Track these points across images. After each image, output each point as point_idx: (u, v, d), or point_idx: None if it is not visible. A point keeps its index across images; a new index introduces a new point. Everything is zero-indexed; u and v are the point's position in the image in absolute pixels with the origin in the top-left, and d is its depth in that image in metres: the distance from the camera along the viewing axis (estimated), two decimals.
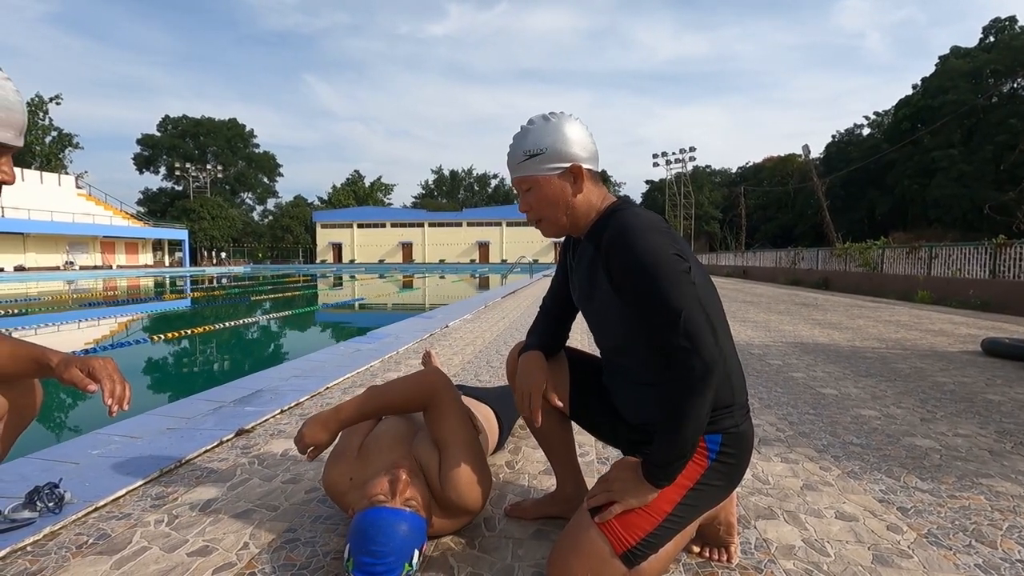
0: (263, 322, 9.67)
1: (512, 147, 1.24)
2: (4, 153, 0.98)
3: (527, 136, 1.22)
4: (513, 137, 1.25)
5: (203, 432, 2.32)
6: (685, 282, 1.07)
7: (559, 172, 1.21)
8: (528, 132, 1.22)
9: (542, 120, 1.22)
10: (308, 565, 1.33)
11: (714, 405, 1.17)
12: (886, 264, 12.73)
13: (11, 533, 1.44)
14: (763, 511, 1.63)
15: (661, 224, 1.15)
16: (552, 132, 1.20)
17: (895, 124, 42.86)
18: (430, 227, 58.94)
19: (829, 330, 5.88)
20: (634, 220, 1.14)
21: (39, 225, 32.58)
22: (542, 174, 1.21)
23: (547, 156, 1.20)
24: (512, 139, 1.25)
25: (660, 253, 1.08)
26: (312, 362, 3.98)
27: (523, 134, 1.22)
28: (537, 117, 1.24)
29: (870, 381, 3.40)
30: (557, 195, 1.22)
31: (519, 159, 1.22)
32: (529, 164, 1.21)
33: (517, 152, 1.23)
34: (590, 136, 1.25)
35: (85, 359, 1.13)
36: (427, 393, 1.48)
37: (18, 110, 0.97)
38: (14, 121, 0.97)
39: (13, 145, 0.98)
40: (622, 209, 1.20)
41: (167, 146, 62.78)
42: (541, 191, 1.23)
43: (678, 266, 1.08)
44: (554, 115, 1.23)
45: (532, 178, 1.22)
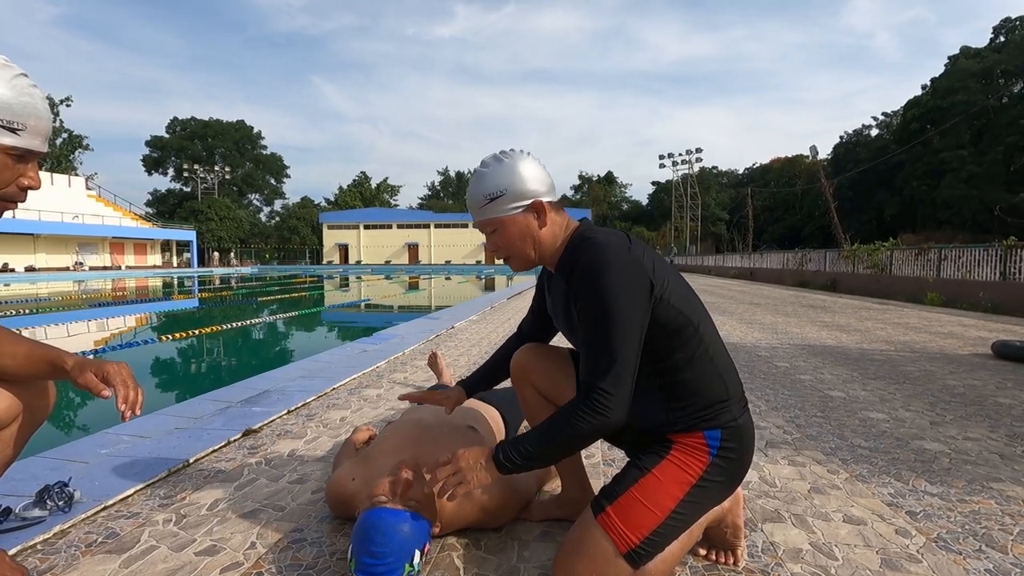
0: (270, 322, 9.72)
1: (471, 192, 1.26)
2: (32, 159, 1.00)
3: (483, 180, 1.23)
4: (470, 182, 1.27)
5: (210, 432, 2.33)
6: (632, 331, 1.11)
7: (522, 209, 1.23)
8: (484, 176, 1.23)
9: (495, 161, 1.24)
10: (315, 565, 1.33)
11: (708, 401, 1.19)
12: (895, 266, 12.63)
13: (22, 531, 1.45)
14: (770, 514, 1.62)
15: (622, 253, 1.15)
16: (508, 172, 1.22)
17: (904, 125, 42.57)
18: (436, 228, 59.03)
19: (837, 332, 5.84)
20: (597, 255, 1.15)
21: (49, 226, 32.90)
22: (506, 214, 1.23)
23: (507, 197, 1.22)
24: (469, 184, 1.27)
25: (616, 296, 1.10)
26: (319, 363, 4.00)
27: (479, 178, 1.24)
28: (489, 159, 1.25)
29: (878, 384, 3.38)
30: (523, 232, 1.25)
31: (480, 203, 1.24)
32: (491, 207, 1.23)
33: (477, 196, 1.24)
34: (544, 169, 1.27)
35: (100, 363, 1.14)
36: None
37: (46, 117, 0.99)
38: (42, 128, 0.98)
39: (40, 151, 0.99)
40: (587, 238, 1.21)
41: (176, 147, 63.23)
42: (507, 231, 1.25)
43: (632, 312, 1.11)
44: (506, 155, 1.25)
45: (496, 220, 1.24)
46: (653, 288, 1.14)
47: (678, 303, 1.18)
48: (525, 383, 1.50)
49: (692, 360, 1.18)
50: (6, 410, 1.14)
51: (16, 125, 0.94)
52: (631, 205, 74.61)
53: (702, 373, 1.19)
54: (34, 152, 0.99)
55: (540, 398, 1.49)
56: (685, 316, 1.18)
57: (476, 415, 1.83)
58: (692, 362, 1.18)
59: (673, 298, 1.17)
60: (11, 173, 0.98)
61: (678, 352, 1.17)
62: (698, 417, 1.19)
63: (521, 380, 1.51)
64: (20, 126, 0.95)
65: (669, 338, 1.16)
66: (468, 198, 1.28)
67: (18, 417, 1.17)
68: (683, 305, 1.19)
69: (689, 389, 1.19)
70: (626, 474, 1.19)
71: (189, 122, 64.87)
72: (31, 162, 1.00)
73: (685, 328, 1.18)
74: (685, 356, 1.18)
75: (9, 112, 0.93)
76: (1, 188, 0.98)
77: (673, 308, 1.17)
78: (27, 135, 0.96)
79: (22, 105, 0.95)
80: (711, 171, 65.22)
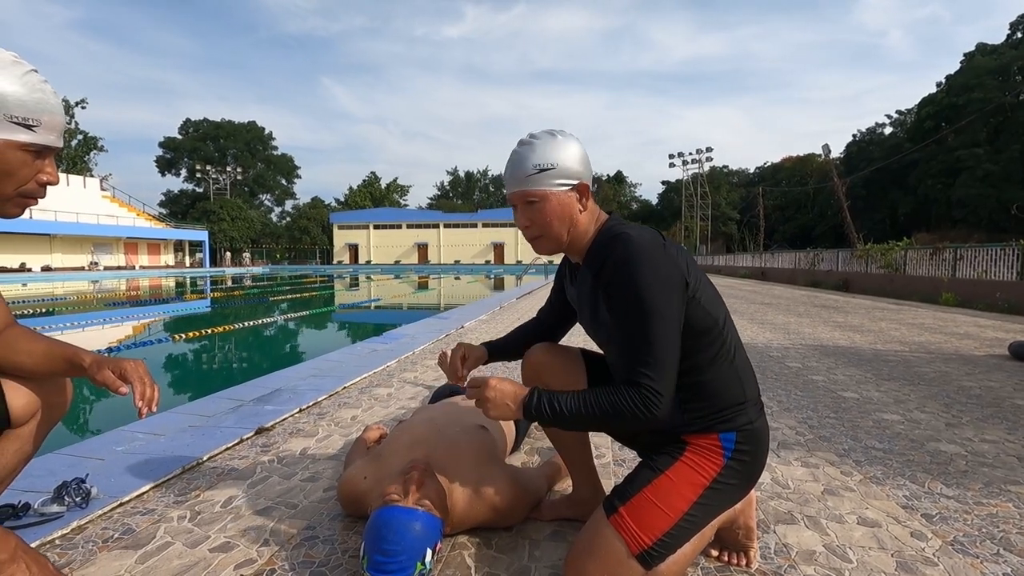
0: (281, 322, 9.80)
1: (517, 159, 1.22)
2: (48, 155, 1.01)
3: (534, 150, 1.20)
4: (515, 151, 1.23)
5: (224, 430, 2.36)
6: (673, 329, 1.10)
7: (567, 188, 1.21)
8: (534, 146, 1.20)
9: (547, 136, 1.22)
10: (327, 563, 1.34)
11: (725, 403, 1.18)
12: (909, 266, 12.47)
13: (40, 526, 1.48)
14: (783, 516, 1.61)
15: (657, 249, 1.14)
16: (560, 148, 1.20)
17: (918, 123, 41.99)
18: (445, 228, 59.18)
19: (850, 333, 5.78)
20: (632, 250, 1.12)
21: (65, 226, 33.40)
22: (551, 188, 1.20)
23: (558, 172, 1.19)
24: (514, 152, 1.23)
25: (656, 292, 1.09)
26: (330, 362, 4.02)
27: (530, 147, 1.21)
28: (540, 133, 1.23)
29: (893, 385, 3.34)
30: (563, 211, 1.22)
31: (527, 172, 1.20)
32: (538, 178, 1.20)
33: (525, 164, 1.20)
34: (584, 148, 1.26)
35: (117, 361, 1.15)
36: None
37: (58, 112, 1.00)
38: (57, 124, 1.00)
39: (56, 146, 1.01)
40: (618, 233, 1.19)
41: (188, 149, 63.88)
42: (548, 206, 1.21)
43: (669, 308, 1.09)
44: (558, 132, 1.23)
45: (541, 192, 1.20)
46: (687, 287, 1.14)
47: (707, 303, 1.17)
48: (537, 383, 1.50)
49: (713, 361, 1.18)
50: (25, 407, 1.16)
51: (31, 121, 0.96)
52: (641, 205, 74.28)
53: (722, 375, 1.18)
54: (50, 147, 1.01)
55: None
56: (712, 317, 1.17)
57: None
58: (713, 363, 1.18)
59: (703, 298, 1.17)
60: (30, 170, 0.99)
61: (701, 353, 1.17)
62: (714, 419, 1.18)
63: (533, 380, 1.50)
64: (35, 122, 0.96)
65: (695, 338, 1.15)
66: (512, 166, 1.23)
67: (37, 414, 1.19)
68: (711, 305, 1.18)
69: (708, 390, 1.18)
70: (639, 475, 1.19)
71: (201, 123, 65.52)
72: (48, 157, 1.02)
73: (712, 329, 1.17)
74: (707, 357, 1.17)
75: (24, 109, 0.95)
76: (22, 184, 1.00)
77: (703, 308, 1.16)
78: (42, 131, 0.98)
79: (35, 101, 0.96)
80: (721, 170, 64.81)
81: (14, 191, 0.99)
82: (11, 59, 0.95)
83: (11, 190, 0.99)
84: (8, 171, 0.96)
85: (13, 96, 0.93)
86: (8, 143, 0.95)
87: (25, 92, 0.95)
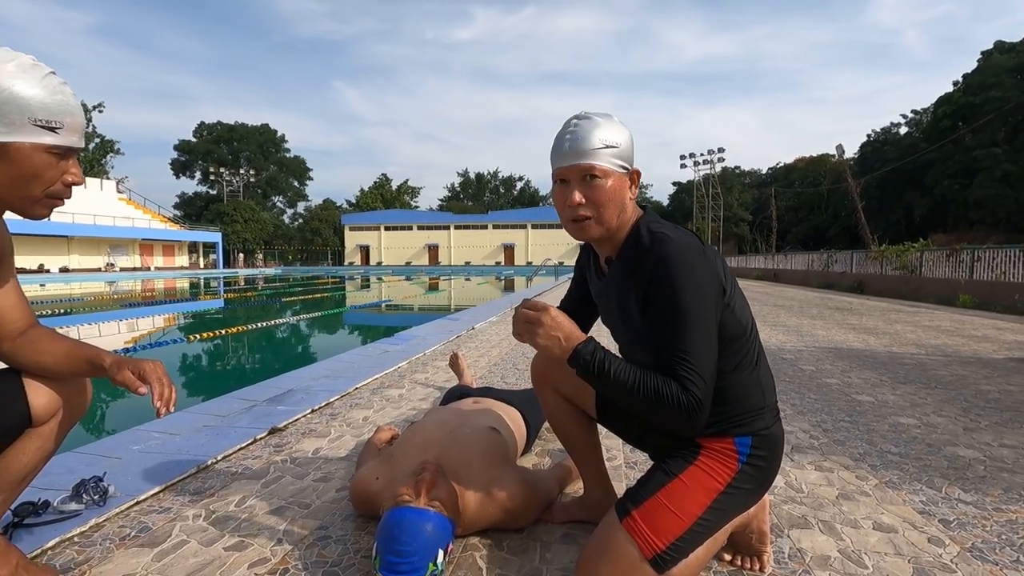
0: (293, 323, 9.88)
1: (580, 131, 1.15)
2: (71, 156, 1.03)
3: (599, 126, 1.15)
4: (576, 124, 1.17)
5: (237, 430, 2.38)
6: (712, 336, 1.08)
7: (624, 172, 1.18)
8: (599, 122, 1.16)
9: (608, 116, 1.18)
10: (339, 563, 1.35)
11: (744, 408, 1.17)
12: (925, 267, 12.30)
13: (60, 524, 1.51)
14: (797, 520, 1.59)
15: (698, 255, 1.10)
16: (621, 131, 1.17)
17: (934, 122, 41.37)
18: (456, 230, 59.30)
19: (864, 335, 5.71)
20: (673, 254, 1.09)
21: (82, 228, 33.92)
22: (614, 167, 1.16)
23: (620, 152, 1.16)
24: (575, 124, 1.17)
25: (696, 300, 1.06)
26: (342, 362, 4.05)
27: (593, 123, 1.16)
28: (596, 112, 1.18)
29: (909, 388, 3.29)
30: (620, 194, 1.17)
31: (594, 145, 1.14)
32: (604, 153, 1.15)
33: (590, 138, 1.14)
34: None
35: (136, 361, 1.17)
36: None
37: (79, 114, 1.02)
38: (78, 125, 1.02)
39: (78, 147, 1.03)
40: (657, 233, 1.15)
41: (202, 151, 64.60)
42: (609, 184, 1.16)
43: (708, 317, 1.07)
44: (613, 117, 1.19)
45: (605, 168, 1.15)
46: (724, 294, 1.12)
47: (739, 310, 1.16)
48: (546, 386, 1.50)
49: (737, 368, 1.17)
50: (47, 406, 1.18)
51: (54, 124, 0.97)
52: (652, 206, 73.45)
53: (744, 380, 1.17)
54: (73, 148, 1.02)
55: (561, 401, 1.49)
56: (743, 325, 1.16)
57: (498, 417, 1.83)
58: (737, 369, 1.17)
59: (736, 305, 1.15)
60: (55, 171, 1.01)
61: (727, 359, 1.15)
62: (731, 423, 1.17)
63: (542, 383, 1.51)
64: (58, 124, 0.98)
65: (724, 345, 1.13)
66: (573, 139, 1.15)
67: (58, 413, 1.21)
68: (742, 313, 1.17)
69: (729, 396, 1.17)
70: (652, 478, 1.18)
71: (215, 126, 66.23)
72: (71, 158, 1.04)
73: (740, 336, 1.16)
74: (732, 363, 1.16)
75: (46, 112, 0.96)
76: (48, 185, 1.02)
77: (735, 315, 1.15)
78: (65, 132, 0.99)
79: (57, 104, 0.98)
80: (733, 171, 64.28)
81: (42, 193, 1.01)
82: (31, 63, 0.96)
83: (39, 192, 1.01)
84: (35, 173, 0.98)
85: (35, 100, 0.95)
86: (34, 146, 0.97)
87: (47, 95, 0.97)
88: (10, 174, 0.97)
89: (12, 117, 0.93)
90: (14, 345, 1.18)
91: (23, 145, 0.96)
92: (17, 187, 0.98)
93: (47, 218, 1.07)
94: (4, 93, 0.92)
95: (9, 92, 0.93)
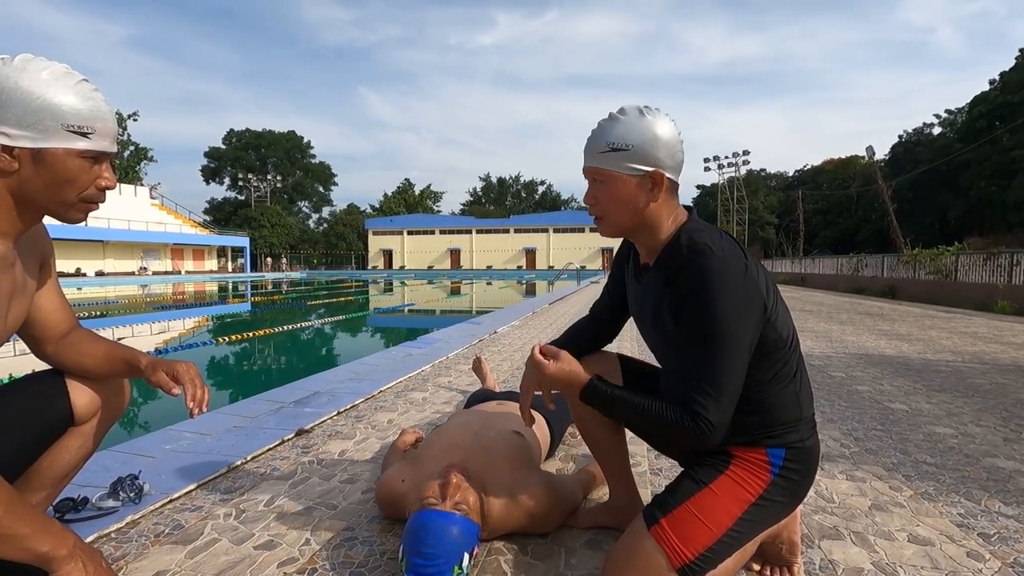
0: (318, 326, 10.03)
1: (595, 134, 1.15)
2: (104, 160, 1.07)
3: (615, 127, 1.12)
4: (598, 124, 1.16)
5: (266, 431, 2.43)
6: (741, 359, 1.07)
7: (638, 175, 1.13)
8: (617, 123, 1.13)
9: (635, 113, 1.13)
10: (366, 564, 1.37)
11: (779, 419, 1.14)
12: (960, 271, 11.90)
13: (98, 520, 1.55)
14: (828, 531, 1.56)
15: (740, 271, 1.06)
16: (643, 130, 1.11)
17: (970, 122, 40.12)
18: (478, 234, 59.56)
19: (897, 341, 5.56)
20: (713, 269, 1.05)
21: (117, 233, 35.05)
22: (620, 172, 1.13)
23: (631, 154, 1.11)
24: (598, 124, 1.16)
25: (731, 320, 1.04)
26: (366, 365, 4.09)
27: (611, 124, 1.13)
28: (630, 108, 1.14)
29: (944, 396, 3.19)
30: (628, 198, 1.14)
31: (600, 149, 1.13)
32: (609, 157, 1.13)
33: (599, 141, 1.14)
34: (680, 143, 1.16)
35: (171, 363, 1.21)
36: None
37: (111, 119, 1.06)
38: (110, 130, 1.05)
39: (111, 152, 1.07)
40: (699, 244, 1.10)
41: (231, 158, 66.15)
42: (612, 188, 1.14)
43: (743, 337, 1.06)
44: (649, 111, 1.13)
45: (608, 173, 1.14)
46: (766, 311, 1.09)
47: (780, 324, 1.13)
48: None
49: (774, 378, 1.14)
50: (87, 406, 1.22)
51: (86, 129, 1.01)
52: None
53: (780, 392, 1.14)
54: (106, 153, 1.06)
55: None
56: (783, 338, 1.13)
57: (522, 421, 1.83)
58: (773, 380, 1.14)
59: (778, 319, 1.13)
60: (89, 176, 1.05)
61: (764, 371, 1.13)
62: (764, 433, 1.15)
63: None
64: (90, 129, 1.01)
65: (762, 357, 1.11)
66: (589, 140, 1.16)
67: (98, 413, 1.26)
68: (783, 326, 1.14)
69: (764, 406, 1.14)
70: (680, 486, 1.16)
71: (244, 133, 67.75)
72: (104, 163, 1.07)
73: (780, 349, 1.13)
74: (769, 375, 1.13)
75: (79, 117, 1.00)
76: (83, 190, 1.05)
77: (775, 329, 1.12)
78: (97, 137, 1.03)
79: (89, 109, 1.01)
80: (759, 174, 63.24)
81: (76, 197, 1.05)
82: (64, 70, 1.00)
83: (74, 196, 1.04)
84: (69, 178, 1.02)
85: (68, 106, 0.98)
86: (67, 151, 1.00)
87: (79, 101, 1.00)
88: (46, 179, 1.00)
89: (46, 123, 0.97)
90: (57, 347, 1.23)
91: (57, 150, 0.99)
92: (53, 192, 1.02)
93: (83, 222, 1.10)
94: (38, 100, 0.96)
95: (43, 99, 0.96)
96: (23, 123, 0.96)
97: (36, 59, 0.98)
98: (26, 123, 0.96)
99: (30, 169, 0.99)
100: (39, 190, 1.01)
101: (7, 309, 1.04)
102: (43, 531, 0.99)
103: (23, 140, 0.96)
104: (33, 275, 1.15)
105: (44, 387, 1.20)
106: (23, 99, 0.95)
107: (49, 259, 1.23)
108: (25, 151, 0.97)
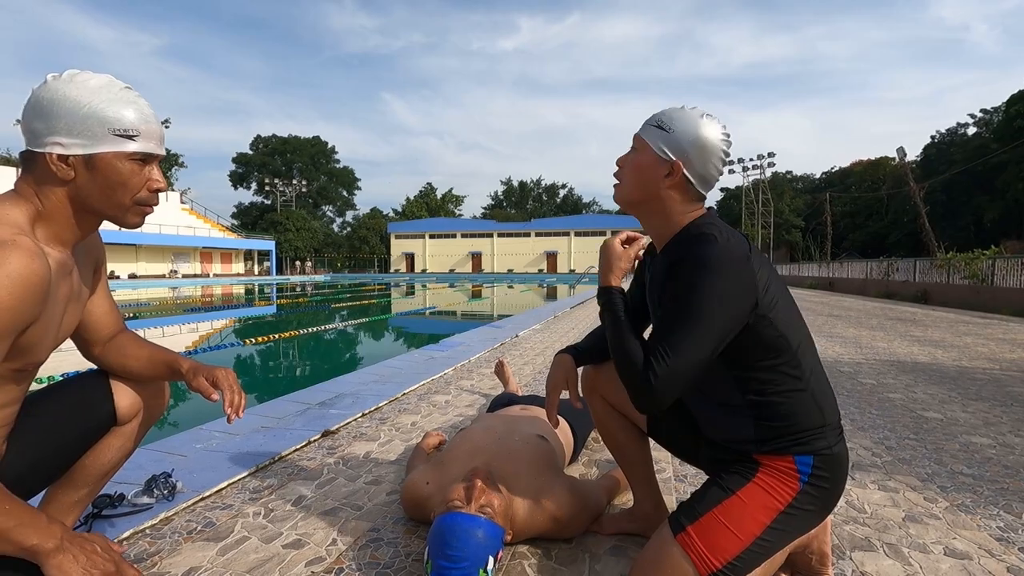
0: (342, 328, 10.16)
1: (659, 112, 1.24)
2: (152, 162, 1.11)
3: (674, 113, 1.21)
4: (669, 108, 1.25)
5: (292, 432, 2.47)
6: (711, 336, 1.07)
7: (663, 157, 1.19)
8: (677, 111, 1.21)
9: (697, 112, 1.20)
10: (391, 565, 1.38)
11: (802, 426, 1.13)
12: (997, 276, 11.51)
13: (133, 516, 1.60)
14: (859, 542, 1.52)
15: (737, 262, 1.09)
16: (689, 122, 1.18)
17: (1007, 122, 38.77)
18: (499, 237, 59.70)
19: (930, 348, 5.40)
20: (711, 255, 1.08)
21: (149, 237, 36.07)
22: (651, 147, 1.20)
23: (668, 137, 1.18)
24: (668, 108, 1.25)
25: (714, 304, 1.06)
26: (390, 368, 4.14)
27: (674, 110, 1.22)
28: (698, 109, 1.22)
29: (982, 405, 3.09)
30: (647, 171, 1.21)
31: (652, 122, 1.22)
32: (652, 131, 1.21)
33: (656, 117, 1.23)
34: (720, 155, 1.20)
35: (210, 369, 1.25)
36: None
37: (155, 122, 1.10)
38: (155, 132, 1.09)
39: (158, 153, 1.10)
40: (704, 232, 1.14)
41: (258, 163, 67.54)
42: (639, 158, 1.22)
43: (720, 323, 1.07)
44: (710, 118, 1.20)
45: (643, 142, 1.22)
46: (756, 307, 1.09)
47: (781, 324, 1.12)
48: (595, 396, 1.50)
49: (783, 382, 1.13)
50: (130, 406, 1.26)
51: (132, 132, 1.04)
52: None
53: (795, 397, 1.13)
54: (153, 155, 1.09)
55: (610, 409, 1.49)
56: (785, 339, 1.12)
57: (545, 425, 1.83)
58: (783, 383, 1.13)
59: (778, 319, 1.12)
60: (139, 178, 1.08)
61: (767, 371, 1.12)
62: (788, 440, 1.13)
63: (591, 393, 1.51)
64: (135, 132, 1.05)
65: (761, 352, 1.11)
66: (653, 115, 1.25)
67: (139, 414, 1.30)
68: (786, 327, 1.13)
69: (781, 410, 1.13)
70: (707, 493, 1.15)
71: (270, 139, 69.17)
72: (153, 165, 1.11)
73: (783, 350, 1.12)
74: (776, 378, 1.12)
75: (124, 122, 1.03)
76: (135, 192, 1.08)
77: (775, 328, 1.11)
78: (143, 139, 1.06)
79: (133, 113, 1.05)
80: (785, 176, 62.18)
81: (131, 200, 1.08)
82: (107, 79, 1.04)
83: (127, 200, 1.08)
84: (121, 181, 1.06)
85: (113, 111, 1.02)
86: (116, 155, 1.04)
87: (123, 106, 1.04)
88: (100, 184, 1.04)
89: (94, 130, 1.01)
90: (104, 349, 1.27)
91: (106, 155, 1.03)
92: (108, 196, 1.06)
93: (140, 226, 1.13)
94: (85, 108, 1.00)
95: (90, 107, 1.00)
96: (73, 131, 1.00)
97: (82, 72, 1.03)
98: (76, 131, 1.00)
99: (85, 176, 1.03)
100: (95, 196, 1.05)
101: (62, 314, 1.08)
102: (28, 524, 0.98)
103: (75, 148, 1.01)
104: (88, 281, 1.19)
105: (90, 388, 1.25)
106: (72, 108, 0.99)
107: (102, 264, 1.27)
108: (78, 158, 1.02)
